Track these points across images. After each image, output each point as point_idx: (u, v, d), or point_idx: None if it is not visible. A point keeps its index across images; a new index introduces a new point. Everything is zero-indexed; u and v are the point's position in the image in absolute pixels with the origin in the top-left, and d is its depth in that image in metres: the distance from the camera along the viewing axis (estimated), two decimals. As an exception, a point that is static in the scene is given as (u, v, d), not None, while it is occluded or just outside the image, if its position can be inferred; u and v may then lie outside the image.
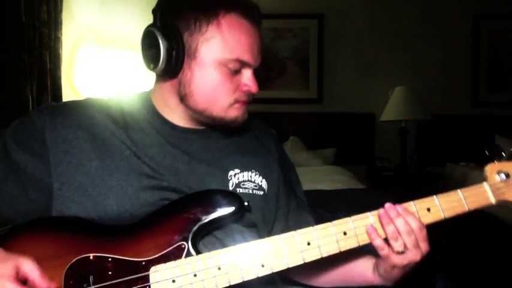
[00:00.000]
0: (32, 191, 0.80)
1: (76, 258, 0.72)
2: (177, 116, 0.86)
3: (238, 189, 0.85)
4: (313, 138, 3.49)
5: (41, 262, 0.70)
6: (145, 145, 0.83)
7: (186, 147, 0.86)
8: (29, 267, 0.67)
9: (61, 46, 2.62)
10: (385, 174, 3.31)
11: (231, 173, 0.86)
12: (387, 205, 0.74)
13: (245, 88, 0.82)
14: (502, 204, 0.77)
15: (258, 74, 0.84)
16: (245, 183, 0.87)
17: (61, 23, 2.63)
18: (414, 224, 0.73)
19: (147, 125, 0.86)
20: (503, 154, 0.77)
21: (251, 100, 0.85)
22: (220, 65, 0.79)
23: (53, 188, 0.79)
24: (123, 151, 0.82)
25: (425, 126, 3.49)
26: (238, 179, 0.86)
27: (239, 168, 0.87)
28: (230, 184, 0.85)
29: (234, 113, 0.83)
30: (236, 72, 0.81)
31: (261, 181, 0.89)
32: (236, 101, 0.82)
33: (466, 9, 3.58)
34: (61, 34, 2.62)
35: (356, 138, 3.55)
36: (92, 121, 0.83)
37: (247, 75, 0.82)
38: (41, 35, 2.46)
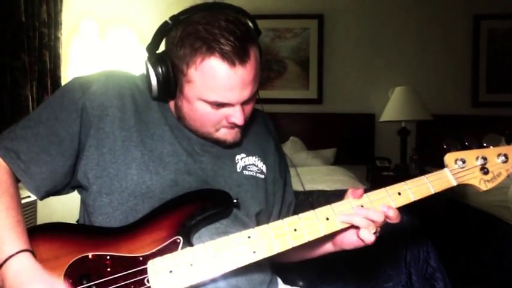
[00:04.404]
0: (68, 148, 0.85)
1: (75, 258, 0.75)
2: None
3: (244, 171, 0.94)
4: (313, 138, 3.48)
5: (42, 264, 0.73)
6: (166, 125, 0.89)
7: None
8: None
9: (61, 46, 2.62)
10: (385, 174, 3.30)
11: (238, 157, 0.95)
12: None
13: (231, 120, 0.86)
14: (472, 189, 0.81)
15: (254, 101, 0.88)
16: (250, 166, 0.95)
17: (61, 23, 2.63)
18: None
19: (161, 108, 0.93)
20: (458, 146, 0.92)
21: (239, 125, 0.88)
22: (202, 101, 0.83)
23: (85, 147, 0.84)
24: (154, 129, 0.89)
25: (425, 126, 3.48)
26: (244, 162, 0.95)
27: (245, 153, 0.96)
28: (238, 166, 0.94)
29: (223, 137, 0.90)
30: (221, 105, 0.84)
31: (262, 166, 0.98)
32: (223, 128, 0.88)
33: (466, 9, 3.57)
34: (61, 34, 2.62)
35: (356, 138, 3.55)
36: (124, 92, 0.88)
37: (231, 110, 0.84)
38: (41, 35, 2.46)
